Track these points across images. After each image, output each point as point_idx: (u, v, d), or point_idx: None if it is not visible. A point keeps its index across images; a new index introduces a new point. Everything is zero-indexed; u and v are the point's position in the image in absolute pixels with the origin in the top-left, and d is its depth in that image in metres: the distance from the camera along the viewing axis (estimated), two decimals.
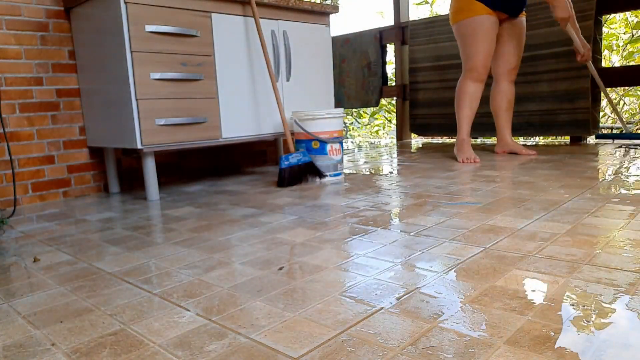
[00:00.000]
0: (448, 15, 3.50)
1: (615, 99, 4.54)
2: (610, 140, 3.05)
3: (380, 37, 3.93)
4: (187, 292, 0.93)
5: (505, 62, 2.56)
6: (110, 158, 2.16)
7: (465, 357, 0.64)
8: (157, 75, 1.85)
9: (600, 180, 1.78)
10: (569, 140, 3.23)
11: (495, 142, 2.80)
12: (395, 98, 4.07)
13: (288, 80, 2.38)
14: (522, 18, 2.56)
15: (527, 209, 1.40)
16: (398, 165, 2.55)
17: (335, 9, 2.58)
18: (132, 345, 0.73)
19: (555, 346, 0.65)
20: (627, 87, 4.12)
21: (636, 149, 2.60)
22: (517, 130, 3.18)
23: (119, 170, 2.26)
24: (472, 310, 0.77)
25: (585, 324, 0.70)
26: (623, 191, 1.57)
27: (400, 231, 1.26)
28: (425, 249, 1.10)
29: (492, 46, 2.47)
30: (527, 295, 0.82)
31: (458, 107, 2.55)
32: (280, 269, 1.03)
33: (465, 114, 2.52)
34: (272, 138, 2.36)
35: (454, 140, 3.91)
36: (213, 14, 2.04)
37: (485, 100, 3.28)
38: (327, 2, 6.06)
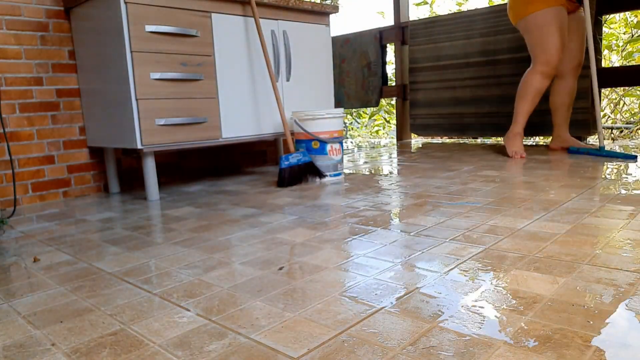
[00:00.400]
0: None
1: (616, 98, 4.53)
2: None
3: (380, 37, 3.93)
4: (187, 292, 0.93)
5: (573, 57, 2.53)
6: (110, 158, 2.16)
7: (465, 357, 0.64)
8: (157, 75, 1.85)
9: (600, 180, 1.78)
10: None
11: (550, 138, 2.82)
12: (395, 98, 4.07)
13: (288, 80, 2.38)
14: (581, 12, 2.54)
15: (527, 209, 1.40)
16: (398, 165, 2.55)
17: (335, 9, 2.58)
18: (132, 345, 0.73)
19: (555, 346, 0.65)
20: (627, 87, 4.12)
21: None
22: None
23: (119, 170, 2.26)
24: (472, 310, 0.77)
25: (585, 324, 0.70)
26: (623, 191, 1.57)
27: (400, 231, 1.26)
28: (425, 249, 1.10)
29: (565, 39, 2.43)
30: (527, 295, 0.82)
31: (521, 100, 2.51)
32: (280, 269, 1.03)
33: (527, 109, 2.51)
34: (272, 138, 2.36)
35: (454, 140, 3.91)
36: (213, 14, 2.04)
37: (485, 99, 3.28)
38: (327, 2, 6.05)
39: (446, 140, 4.00)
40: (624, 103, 4.55)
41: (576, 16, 2.53)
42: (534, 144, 3.23)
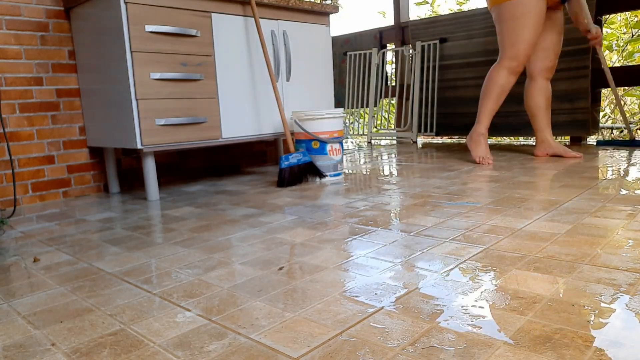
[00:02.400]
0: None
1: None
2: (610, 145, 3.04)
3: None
4: (187, 292, 0.93)
5: (545, 57, 2.35)
6: (110, 158, 2.16)
7: (465, 357, 0.64)
8: (157, 75, 1.85)
9: (600, 180, 1.78)
10: (569, 141, 3.23)
11: (535, 143, 2.62)
12: (395, 98, 4.07)
13: (288, 80, 2.38)
14: (561, 13, 2.38)
15: (527, 209, 1.40)
16: (398, 165, 2.55)
17: (335, 9, 2.58)
18: (132, 345, 0.73)
19: (555, 346, 0.65)
20: (627, 87, 4.11)
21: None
22: (517, 130, 3.18)
23: (119, 170, 2.26)
24: (472, 310, 0.77)
25: (585, 324, 0.70)
26: (623, 191, 1.57)
27: (400, 231, 1.26)
28: (425, 249, 1.10)
29: (538, 35, 2.25)
30: (527, 295, 0.82)
31: (485, 97, 2.35)
32: (280, 269, 1.03)
33: (491, 108, 2.34)
34: (272, 138, 2.36)
35: (454, 140, 3.91)
36: (213, 14, 2.04)
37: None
38: (327, 2, 6.05)
39: (446, 140, 4.00)
40: (624, 103, 4.55)
41: (558, 14, 2.36)
42: (534, 143, 3.23)
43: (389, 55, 4.26)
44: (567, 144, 3.11)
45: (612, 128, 4.30)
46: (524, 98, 2.48)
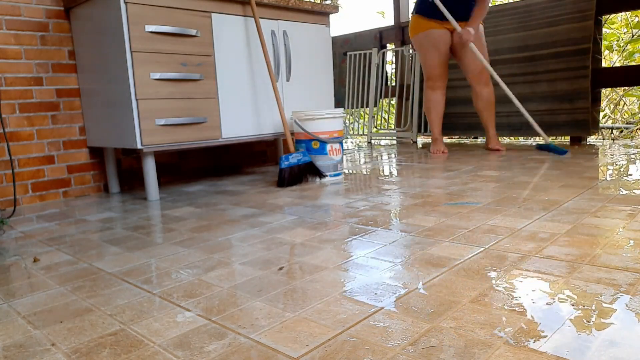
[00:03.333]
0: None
1: (616, 98, 4.53)
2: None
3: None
4: (187, 292, 0.93)
5: (469, 69, 2.78)
6: (110, 158, 2.16)
7: (465, 357, 0.64)
8: (157, 75, 1.85)
9: (600, 180, 1.78)
10: (569, 141, 3.23)
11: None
12: (395, 98, 4.07)
13: (288, 80, 2.38)
14: (479, 26, 2.74)
15: (527, 209, 1.40)
16: (398, 165, 2.55)
17: (335, 9, 2.58)
18: (132, 345, 0.73)
19: (555, 346, 0.65)
20: (627, 87, 4.11)
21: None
22: (517, 130, 3.18)
23: (119, 170, 2.26)
24: (472, 310, 0.77)
25: (585, 324, 0.70)
26: (623, 191, 1.57)
27: (400, 231, 1.26)
28: (425, 249, 1.10)
29: (442, 56, 2.78)
30: (527, 295, 0.82)
31: (427, 112, 2.97)
32: (280, 269, 1.03)
33: (434, 119, 2.94)
34: (272, 138, 2.36)
35: (454, 139, 3.92)
36: (213, 14, 2.04)
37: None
38: (327, 2, 6.05)
39: (446, 140, 4.00)
40: (624, 103, 4.55)
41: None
42: (534, 143, 3.23)
43: (389, 55, 4.26)
44: (568, 143, 3.10)
45: (612, 128, 4.30)
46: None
